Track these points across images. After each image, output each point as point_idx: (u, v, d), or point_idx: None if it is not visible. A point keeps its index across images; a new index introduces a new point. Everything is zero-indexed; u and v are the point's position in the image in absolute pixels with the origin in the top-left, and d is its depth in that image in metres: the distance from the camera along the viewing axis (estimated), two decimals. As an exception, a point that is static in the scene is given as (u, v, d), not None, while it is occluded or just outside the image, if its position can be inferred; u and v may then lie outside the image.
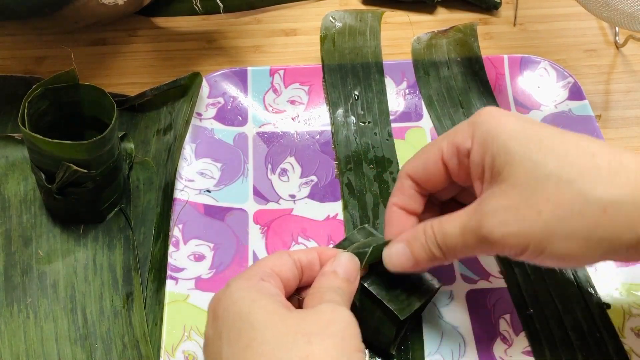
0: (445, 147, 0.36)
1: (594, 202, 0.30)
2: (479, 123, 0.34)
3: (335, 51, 0.55)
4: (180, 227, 0.44)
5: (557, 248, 0.31)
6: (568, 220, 0.31)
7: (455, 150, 0.36)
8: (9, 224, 0.44)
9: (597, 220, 0.30)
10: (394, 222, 0.38)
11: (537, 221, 0.31)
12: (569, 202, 0.31)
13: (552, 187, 0.31)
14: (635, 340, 0.40)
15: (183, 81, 0.49)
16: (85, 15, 0.50)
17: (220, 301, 0.33)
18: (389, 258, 0.37)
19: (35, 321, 0.41)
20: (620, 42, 0.57)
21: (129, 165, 0.48)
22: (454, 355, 0.40)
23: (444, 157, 0.36)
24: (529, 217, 0.31)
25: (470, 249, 0.34)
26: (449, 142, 0.36)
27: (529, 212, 0.31)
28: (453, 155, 0.36)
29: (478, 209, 0.33)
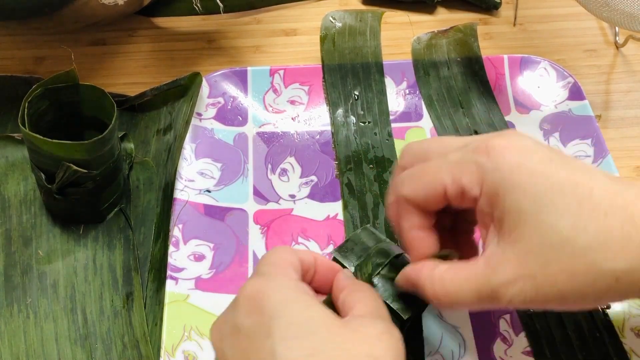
0: (450, 186, 0.34)
1: (608, 272, 0.30)
2: (489, 170, 0.33)
3: (335, 51, 0.55)
4: (180, 227, 0.44)
5: (567, 308, 0.33)
6: (581, 289, 0.31)
7: (460, 192, 0.34)
8: (9, 224, 0.44)
9: (609, 289, 0.31)
10: (417, 245, 0.37)
11: (552, 291, 0.31)
12: (584, 273, 0.31)
13: (567, 257, 0.31)
14: (635, 340, 0.40)
15: (183, 81, 0.49)
16: (85, 15, 0.50)
17: (265, 296, 0.32)
18: (402, 283, 0.37)
19: (35, 321, 0.41)
20: (620, 42, 0.57)
21: (129, 165, 0.48)
22: (454, 355, 0.40)
23: (448, 194, 0.34)
24: (545, 287, 0.31)
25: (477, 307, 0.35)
26: (454, 181, 0.34)
27: (546, 283, 0.31)
28: (457, 195, 0.34)
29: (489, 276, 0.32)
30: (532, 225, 0.31)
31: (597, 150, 0.48)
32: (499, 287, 0.32)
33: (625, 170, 0.49)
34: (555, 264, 0.31)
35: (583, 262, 0.31)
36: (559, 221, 0.31)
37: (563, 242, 0.31)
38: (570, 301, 0.32)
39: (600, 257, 0.30)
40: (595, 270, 0.30)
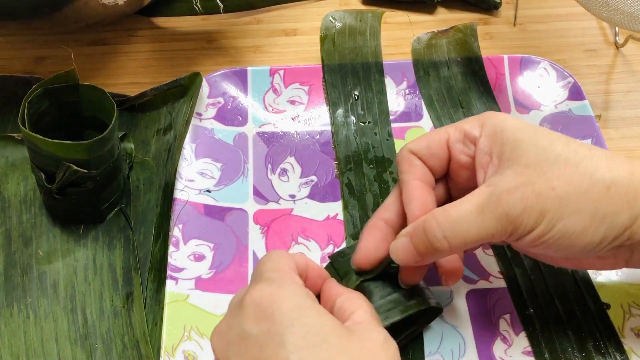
0: (452, 132, 0.38)
1: (599, 181, 0.34)
2: (487, 117, 0.37)
3: (335, 51, 0.55)
4: (180, 227, 0.44)
5: (566, 224, 0.34)
6: (577, 197, 0.34)
7: (462, 135, 0.37)
8: (9, 224, 0.44)
9: (602, 198, 0.34)
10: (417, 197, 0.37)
11: (551, 196, 0.34)
12: (578, 181, 0.34)
13: (562, 167, 0.34)
14: (635, 340, 0.40)
15: (183, 81, 0.49)
16: (85, 15, 0.50)
17: (276, 302, 0.31)
18: (395, 253, 0.36)
19: (35, 321, 0.41)
20: (620, 42, 0.57)
21: (129, 165, 0.48)
22: (454, 355, 0.40)
23: (450, 141, 0.38)
24: (544, 192, 0.34)
25: (484, 234, 0.34)
26: (457, 127, 0.38)
27: (544, 188, 0.34)
28: (459, 140, 0.37)
29: (494, 190, 0.34)
30: (528, 147, 0.35)
31: (597, 150, 0.48)
32: (502, 194, 0.34)
33: (625, 170, 0.49)
34: (552, 172, 0.34)
35: (577, 172, 0.34)
36: (552, 145, 0.35)
37: (557, 156, 0.34)
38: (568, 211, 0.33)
39: (592, 168, 0.34)
40: (588, 179, 0.34)
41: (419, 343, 0.40)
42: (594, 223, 0.34)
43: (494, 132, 0.36)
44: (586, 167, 0.34)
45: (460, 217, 0.34)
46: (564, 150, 0.34)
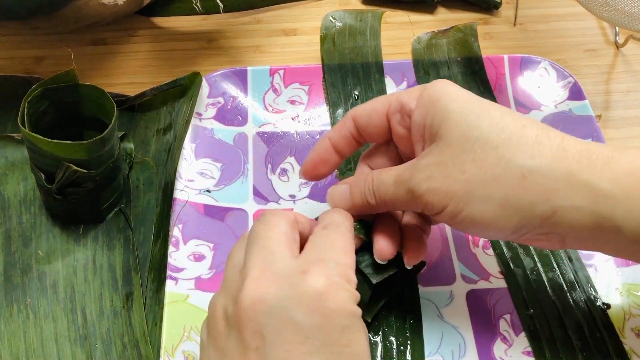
0: (392, 102, 0.37)
1: (514, 167, 0.32)
2: (428, 87, 0.36)
3: (335, 51, 0.55)
4: (180, 227, 0.44)
5: (474, 210, 0.33)
6: (487, 183, 0.32)
7: (399, 106, 0.37)
8: (9, 224, 0.44)
9: (515, 186, 0.32)
10: (319, 152, 0.40)
11: (459, 180, 0.33)
12: (491, 166, 0.32)
13: (479, 149, 0.33)
14: (635, 340, 0.40)
15: (183, 81, 0.49)
16: (85, 15, 0.50)
17: (271, 315, 0.30)
18: (331, 196, 0.39)
19: (35, 321, 0.41)
20: (620, 42, 0.57)
21: (128, 165, 0.48)
22: (454, 356, 0.40)
23: (389, 111, 0.38)
24: (453, 174, 0.33)
25: (399, 201, 0.36)
26: (397, 98, 0.37)
27: (454, 170, 0.33)
28: (397, 111, 0.37)
29: (413, 165, 0.35)
30: (454, 122, 0.34)
31: (598, 150, 0.48)
32: (414, 170, 0.35)
33: (625, 170, 0.49)
34: (467, 154, 0.33)
35: (492, 156, 0.32)
36: (480, 121, 0.33)
37: (478, 137, 0.33)
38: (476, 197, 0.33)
39: (510, 153, 0.32)
40: (503, 164, 0.32)
41: (419, 343, 0.40)
42: (504, 212, 0.33)
43: (429, 103, 0.35)
44: (504, 151, 0.32)
45: (384, 182, 0.36)
46: (488, 130, 0.33)
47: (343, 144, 0.40)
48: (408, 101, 0.37)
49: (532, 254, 0.44)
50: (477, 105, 0.34)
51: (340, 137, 0.40)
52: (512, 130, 0.33)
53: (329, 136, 0.40)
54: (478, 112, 0.34)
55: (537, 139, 0.33)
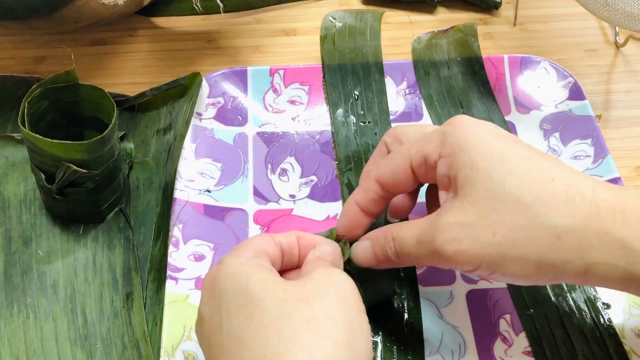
0: (414, 156, 0.36)
1: (549, 228, 0.31)
2: (449, 134, 0.34)
3: (335, 51, 0.54)
4: (180, 227, 0.44)
5: (508, 269, 0.32)
6: (521, 244, 0.31)
7: (423, 160, 0.35)
8: (9, 224, 0.44)
9: (550, 246, 0.31)
10: (350, 218, 0.39)
11: (490, 242, 0.32)
12: (524, 226, 0.31)
13: (509, 208, 0.31)
14: (635, 340, 0.40)
15: (183, 81, 0.49)
16: (85, 15, 0.50)
17: (215, 278, 0.32)
18: (355, 253, 0.38)
19: (35, 321, 0.41)
20: (620, 42, 0.57)
21: (128, 165, 0.48)
22: (454, 356, 0.40)
23: (413, 166, 0.36)
24: (482, 237, 0.32)
25: (424, 260, 0.34)
26: (418, 151, 0.36)
27: (484, 232, 0.32)
28: (421, 165, 0.36)
29: (434, 222, 0.33)
30: (481, 179, 0.32)
31: (597, 150, 0.48)
32: (437, 230, 0.33)
33: (625, 170, 0.49)
34: (496, 215, 0.31)
35: (524, 216, 0.31)
36: (506, 178, 0.32)
37: (507, 195, 0.31)
38: (510, 258, 0.31)
39: (542, 212, 0.31)
40: (536, 225, 0.31)
41: (419, 343, 0.40)
42: (539, 269, 0.32)
43: (452, 155, 0.34)
44: (537, 210, 0.31)
45: (406, 242, 0.35)
46: (517, 188, 0.32)
47: (372, 207, 0.38)
48: (431, 153, 0.35)
49: (532, 254, 0.44)
50: (502, 156, 0.33)
51: (368, 201, 0.38)
52: (541, 187, 0.32)
53: (356, 200, 0.38)
54: (503, 167, 0.32)
55: (568, 196, 0.31)
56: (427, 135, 0.36)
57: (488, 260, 0.32)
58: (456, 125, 0.34)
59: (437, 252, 0.33)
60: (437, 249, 0.33)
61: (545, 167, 0.32)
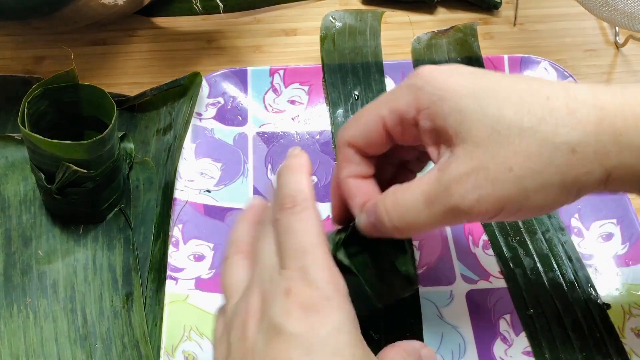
0: (387, 116, 0.33)
1: (562, 145, 0.29)
2: (420, 86, 0.32)
3: (335, 51, 0.54)
4: (180, 227, 0.44)
5: (533, 201, 0.30)
6: (540, 170, 0.29)
7: (398, 119, 0.33)
8: (9, 224, 0.44)
9: (568, 163, 0.29)
10: (356, 193, 0.35)
11: (509, 179, 0.30)
12: (537, 152, 0.29)
13: (516, 138, 0.30)
14: (635, 340, 0.40)
15: (183, 81, 0.49)
16: (85, 15, 0.50)
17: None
18: (359, 226, 0.34)
19: (35, 321, 0.41)
20: (620, 42, 0.57)
21: (128, 166, 0.48)
22: (454, 356, 0.40)
23: (387, 125, 0.33)
24: (500, 176, 0.30)
25: (437, 222, 0.31)
26: (391, 109, 0.33)
27: (500, 171, 0.30)
28: (397, 124, 0.33)
29: (442, 177, 0.31)
30: (476, 119, 0.30)
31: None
32: (450, 184, 0.30)
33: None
34: (506, 149, 0.29)
35: (534, 142, 0.29)
36: (502, 110, 0.30)
37: (510, 127, 0.30)
38: (533, 189, 0.30)
39: (550, 132, 0.29)
40: (549, 146, 0.29)
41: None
42: (564, 190, 0.30)
43: (433, 107, 0.31)
44: (545, 132, 0.29)
45: (408, 206, 0.31)
46: (516, 115, 0.30)
47: (364, 169, 0.35)
48: (406, 110, 0.32)
49: (532, 254, 0.44)
50: (488, 90, 0.31)
51: (356, 166, 0.35)
52: (540, 108, 0.30)
53: (347, 174, 0.35)
54: (495, 100, 0.30)
55: (569, 108, 0.30)
56: (394, 92, 0.33)
57: (511, 198, 0.30)
58: (424, 75, 0.32)
59: (455, 208, 0.30)
60: (457, 204, 0.30)
61: (534, 87, 0.31)
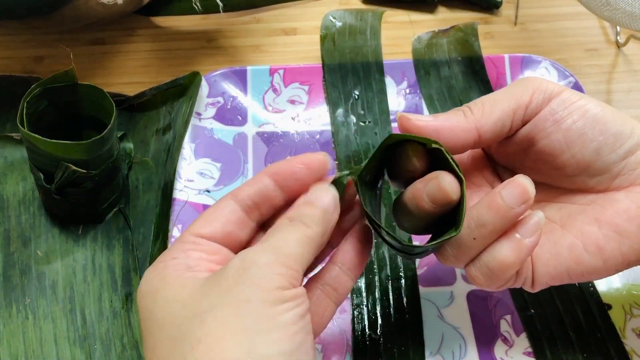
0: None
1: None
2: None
3: (335, 50, 0.54)
4: (179, 228, 0.43)
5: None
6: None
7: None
8: (8, 224, 0.44)
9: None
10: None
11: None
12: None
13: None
14: (636, 340, 0.40)
15: (182, 81, 0.49)
16: (84, 14, 0.50)
17: (139, 295, 0.29)
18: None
19: (34, 322, 0.41)
20: (621, 42, 0.57)
21: (128, 165, 0.48)
22: (454, 356, 0.40)
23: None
24: None
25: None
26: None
27: None
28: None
29: None
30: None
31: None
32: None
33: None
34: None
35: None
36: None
37: None
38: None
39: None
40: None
41: (420, 343, 0.40)
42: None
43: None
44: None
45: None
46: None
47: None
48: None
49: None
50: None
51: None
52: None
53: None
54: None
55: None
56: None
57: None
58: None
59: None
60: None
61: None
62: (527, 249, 0.31)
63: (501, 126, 0.33)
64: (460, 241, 0.31)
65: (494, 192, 0.30)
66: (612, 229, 0.32)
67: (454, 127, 0.33)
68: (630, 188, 0.33)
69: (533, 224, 0.31)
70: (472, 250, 0.31)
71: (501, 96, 0.34)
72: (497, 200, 0.30)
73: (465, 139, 0.33)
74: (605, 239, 0.32)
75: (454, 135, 0.33)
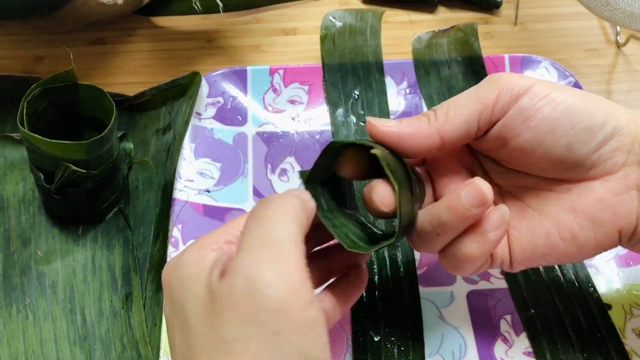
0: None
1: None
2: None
3: (335, 50, 0.54)
4: (179, 228, 0.43)
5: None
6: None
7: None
8: (8, 224, 0.44)
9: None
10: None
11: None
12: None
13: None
14: (636, 340, 0.40)
15: (182, 81, 0.49)
16: (84, 14, 0.50)
17: (172, 277, 0.29)
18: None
19: (34, 322, 0.41)
20: (621, 42, 0.57)
21: (128, 165, 0.48)
22: (454, 356, 0.40)
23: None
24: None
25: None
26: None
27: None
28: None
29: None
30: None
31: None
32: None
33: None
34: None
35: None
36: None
37: None
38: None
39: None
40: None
41: (419, 343, 0.40)
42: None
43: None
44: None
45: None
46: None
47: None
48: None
49: (532, 254, 0.44)
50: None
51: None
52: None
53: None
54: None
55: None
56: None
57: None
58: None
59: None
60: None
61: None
62: (491, 242, 0.32)
63: (466, 130, 0.34)
64: (426, 235, 0.33)
65: (454, 193, 0.32)
66: (587, 218, 0.33)
67: (417, 133, 0.34)
68: (607, 177, 0.34)
69: (498, 218, 0.32)
70: (438, 243, 0.33)
71: (466, 98, 0.34)
72: (455, 202, 0.31)
73: (428, 145, 0.34)
74: (580, 227, 0.33)
75: (416, 142, 0.34)
